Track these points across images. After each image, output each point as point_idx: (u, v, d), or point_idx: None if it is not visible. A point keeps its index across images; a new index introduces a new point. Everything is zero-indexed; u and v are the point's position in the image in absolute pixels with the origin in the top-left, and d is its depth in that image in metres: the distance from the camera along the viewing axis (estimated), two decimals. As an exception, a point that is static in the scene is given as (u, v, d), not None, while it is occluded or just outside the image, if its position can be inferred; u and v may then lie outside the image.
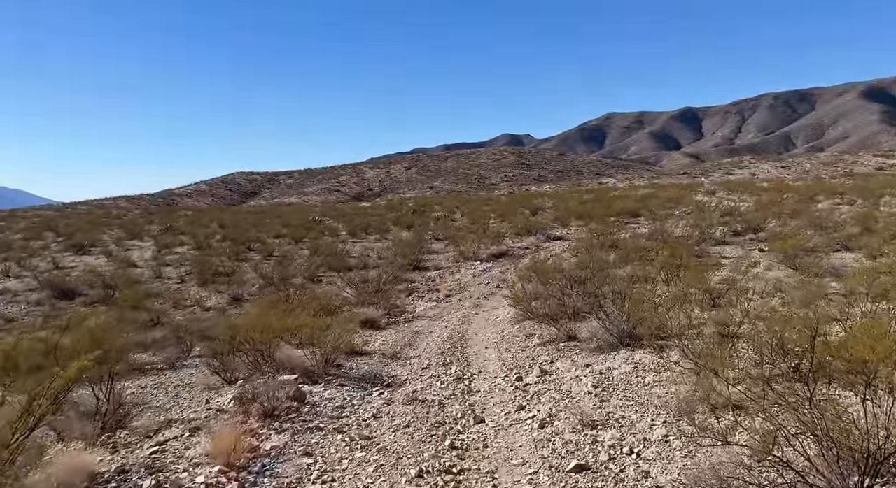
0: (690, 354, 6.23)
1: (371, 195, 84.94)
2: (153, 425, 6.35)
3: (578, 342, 8.75)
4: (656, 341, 7.53)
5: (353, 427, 6.21)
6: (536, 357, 8.48)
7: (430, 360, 8.88)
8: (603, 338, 8.12)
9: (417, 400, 6.96)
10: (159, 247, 25.26)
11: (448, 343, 9.92)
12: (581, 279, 9.89)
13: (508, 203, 36.68)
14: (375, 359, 9.11)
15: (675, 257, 11.10)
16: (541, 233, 21.11)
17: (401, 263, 16.86)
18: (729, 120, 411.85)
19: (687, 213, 24.01)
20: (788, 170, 71.27)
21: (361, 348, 9.49)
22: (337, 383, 7.64)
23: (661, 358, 7.27)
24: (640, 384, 6.77)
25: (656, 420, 5.66)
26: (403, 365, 8.77)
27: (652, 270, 11.12)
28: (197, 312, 13.93)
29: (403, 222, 28.42)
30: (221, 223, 34.41)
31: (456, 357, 9.02)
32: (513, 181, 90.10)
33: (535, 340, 9.33)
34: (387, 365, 8.77)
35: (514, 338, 9.65)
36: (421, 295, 14.22)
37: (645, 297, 8.27)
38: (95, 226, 36.43)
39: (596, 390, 6.73)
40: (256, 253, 22.51)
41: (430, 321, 11.75)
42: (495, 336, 10.04)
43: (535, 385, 7.23)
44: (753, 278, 9.80)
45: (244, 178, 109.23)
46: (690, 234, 16.79)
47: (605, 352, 8.02)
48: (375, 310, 11.11)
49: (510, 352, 8.89)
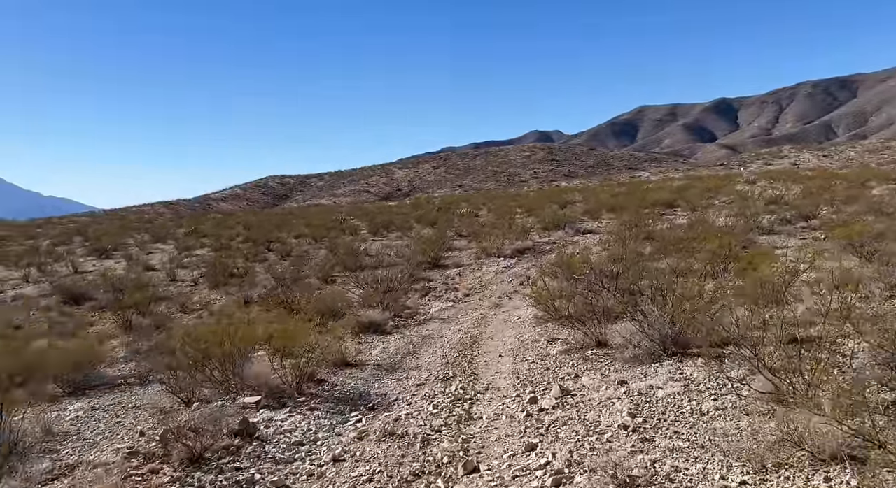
0: (767, 370, 4.66)
1: (400, 195, 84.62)
2: (40, 476, 5.08)
3: (610, 349, 7.43)
4: (711, 348, 6.08)
5: (300, 477, 4.90)
6: (558, 368, 7.21)
7: (431, 373, 7.74)
8: (641, 344, 6.73)
9: (396, 434, 5.57)
10: (179, 250, 24.95)
11: (457, 350, 8.84)
12: (612, 273, 8.70)
13: (536, 198, 35.45)
14: (368, 371, 8.01)
15: (721, 248, 9.82)
16: (569, 227, 19.87)
17: (419, 261, 15.90)
18: (766, 110, 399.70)
19: (728, 203, 22.45)
20: (831, 158, 68.13)
21: (354, 358, 8.41)
22: (308, 406, 6.44)
23: (720, 373, 5.76)
24: (696, 413, 5.18)
25: (728, 478, 3.98)
26: (398, 379, 7.65)
27: (695, 262, 9.86)
28: (204, 316, 13.23)
29: (427, 219, 27.49)
30: (246, 225, 34.21)
31: (462, 368, 7.86)
32: (542, 177, 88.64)
33: (558, 346, 8.08)
34: (379, 379, 7.67)
35: (533, 344, 8.50)
36: (437, 294, 13.18)
37: (693, 293, 6.78)
38: (123, 231, 36.74)
39: (635, 422, 5.14)
40: (275, 253, 21.90)
41: (442, 324, 10.66)
42: (512, 341, 8.92)
43: (553, 410, 5.81)
44: (819, 269, 8.44)
45: (277, 182, 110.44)
46: (734, 224, 15.38)
47: (643, 364, 6.58)
48: (382, 313, 10.10)
49: (527, 362, 7.68)
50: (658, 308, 6.71)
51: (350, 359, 8.30)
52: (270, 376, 6.43)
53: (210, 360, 6.16)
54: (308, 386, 6.96)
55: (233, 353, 6.15)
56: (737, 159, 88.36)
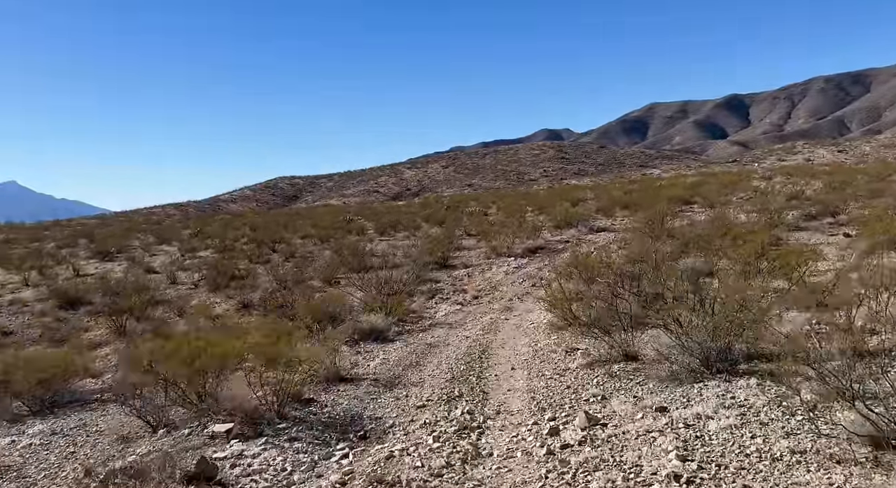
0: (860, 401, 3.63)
1: (409, 195, 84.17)
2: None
3: (640, 364, 6.49)
4: (766, 362, 5.22)
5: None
6: (581, 387, 6.27)
7: (434, 390, 6.88)
8: (678, 359, 5.78)
9: (385, 482, 4.58)
10: (183, 252, 24.49)
11: (464, 362, 7.99)
12: (635, 275, 8.00)
13: (547, 196, 34.72)
14: (363, 387, 7.16)
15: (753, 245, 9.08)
16: (582, 225, 19.15)
17: (425, 261, 15.26)
18: (777, 106, 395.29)
19: (747, 199, 21.63)
20: (846, 154, 66.93)
21: (350, 371, 7.64)
22: (288, 435, 5.54)
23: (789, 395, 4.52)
24: (766, 457, 4.02)
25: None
26: (397, 398, 6.79)
27: (723, 262, 9.14)
28: (201, 321, 12.66)
29: (435, 218, 26.86)
30: (252, 226, 33.79)
31: (469, 385, 6.99)
32: (552, 176, 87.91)
33: (579, 358, 7.21)
34: (375, 398, 6.83)
35: (550, 355, 7.64)
36: (445, 297, 12.51)
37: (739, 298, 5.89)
38: (129, 233, 36.42)
39: (687, 468, 4.06)
40: (279, 254, 21.36)
41: (449, 329, 9.94)
42: (526, 350, 8.11)
43: (580, 447, 4.77)
44: (864, 267, 7.69)
45: (286, 183, 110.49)
46: (757, 221, 14.62)
47: (683, 384, 5.58)
48: (384, 318, 9.44)
49: (544, 378, 6.77)
50: (698, 316, 5.80)
51: (345, 372, 7.50)
52: (249, 397, 5.63)
53: (181, 379, 5.46)
54: (292, 408, 6.18)
55: (205, 371, 5.46)
56: (749, 156, 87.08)
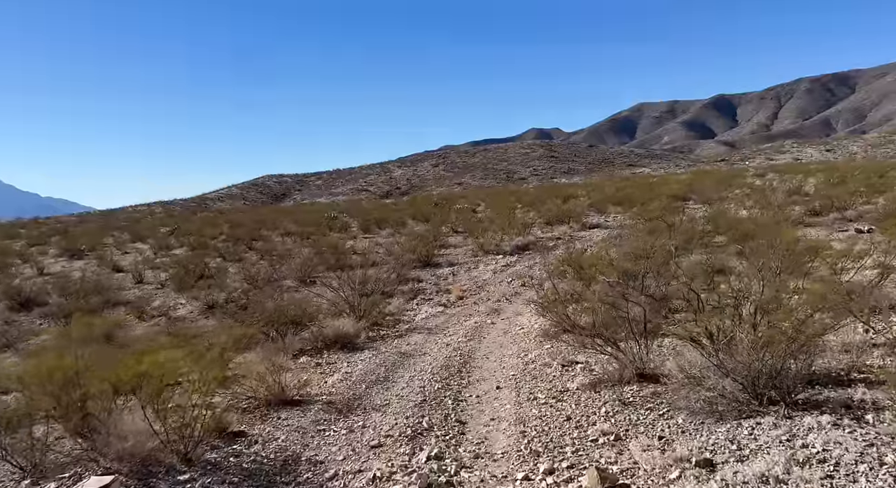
0: None
1: (399, 193, 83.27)
2: None
3: (660, 387, 5.27)
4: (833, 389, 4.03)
5: None
6: (585, 419, 4.96)
7: (398, 419, 5.56)
8: (715, 383, 4.44)
9: None
10: (156, 250, 23.37)
11: (440, 377, 6.75)
12: (640, 273, 7.08)
13: (537, 193, 33.89)
14: (312, 413, 5.84)
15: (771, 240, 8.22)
16: (574, 222, 18.29)
17: (408, 259, 14.28)
18: (764, 106, 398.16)
19: (744, 195, 20.87)
20: (834, 153, 66.98)
21: (301, 390, 6.23)
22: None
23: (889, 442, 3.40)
24: None
25: None
26: (350, 429, 5.45)
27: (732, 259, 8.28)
28: (162, 323, 11.62)
29: (421, 215, 25.89)
30: (233, 223, 32.80)
31: (444, 411, 5.68)
32: (542, 175, 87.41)
33: (579, 375, 6.02)
34: (323, 429, 5.47)
35: (543, 370, 6.46)
36: (427, 297, 11.49)
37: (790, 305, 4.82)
38: (105, 231, 35.32)
39: None
40: (256, 252, 20.29)
41: (428, 335, 8.79)
42: (515, 362, 6.96)
43: None
44: None
45: (274, 181, 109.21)
46: (759, 216, 13.82)
47: (726, 419, 4.25)
48: (355, 322, 8.40)
49: (537, 403, 5.54)
50: (739, 326, 4.46)
51: (294, 391, 6.12)
52: (149, 436, 4.25)
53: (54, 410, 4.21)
54: (210, 447, 4.83)
55: (84, 400, 4.30)
56: (738, 155, 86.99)
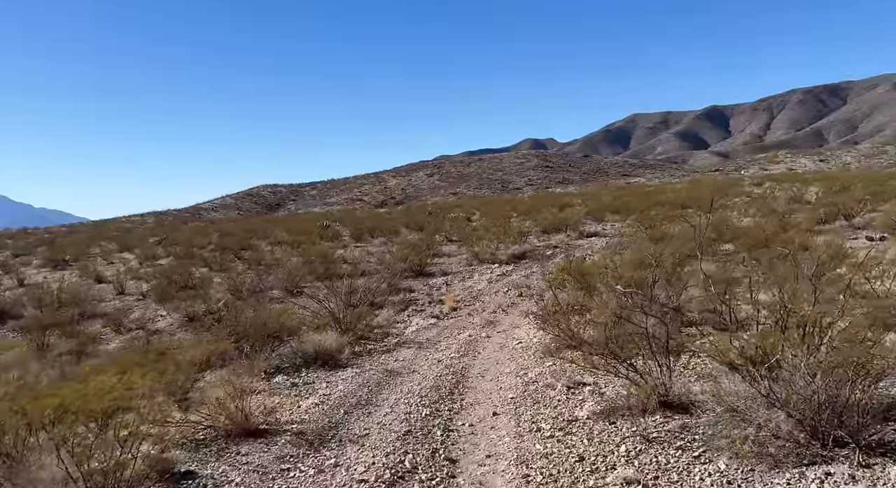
0: None
1: (394, 203, 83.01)
2: None
3: (689, 418, 4.43)
4: None
5: None
6: (601, 460, 4.24)
7: (377, 456, 4.82)
8: (763, 419, 3.69)
9: None
10: (141, 260, 22.76)
11: (429, 401, 6.05)
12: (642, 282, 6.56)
13: (532, 202, 33.47)
14: (278, 447, 5.08)
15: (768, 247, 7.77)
16: (571, 230, 17.80)
17: (400, 268, 13.74)
18: (757, 117, 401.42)
19: (744, 204, 20.47)
20: (827, 163, 67.13)
21: (269, 416, 5.50)
22: None
23: None
24: None
25: None
26: (319, 469, 4.70)
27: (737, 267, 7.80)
28: (140, 336, 11.03)
29: (415, 224, 25.38)
30: (223, 232, 32.28)
31: (431, 446, 4.95)
32: (537, 184, 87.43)
33: (588, 402, 5.23)
34: (287, 470, 4.72)
35: (545, 392, 5.72)
36: (419, 308, 10.92)
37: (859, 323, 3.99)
38: (94, 241, 34.76)
39: None
40: (245, 261, 19.71)
41: (418, 350, 8.15)
42: (514, 383, 6.26)
43: None
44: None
45: (269, 191, 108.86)
46: (764, 224, 13.37)
47: (783, 467, 3.59)
48: (339, 336, 7.81)
49: (541, 436, 4.79)
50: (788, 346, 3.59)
51: (262, 419, 5.32)
52: (65, 484, 3.47)
53: None
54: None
55: None
56: (732, 165, 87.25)
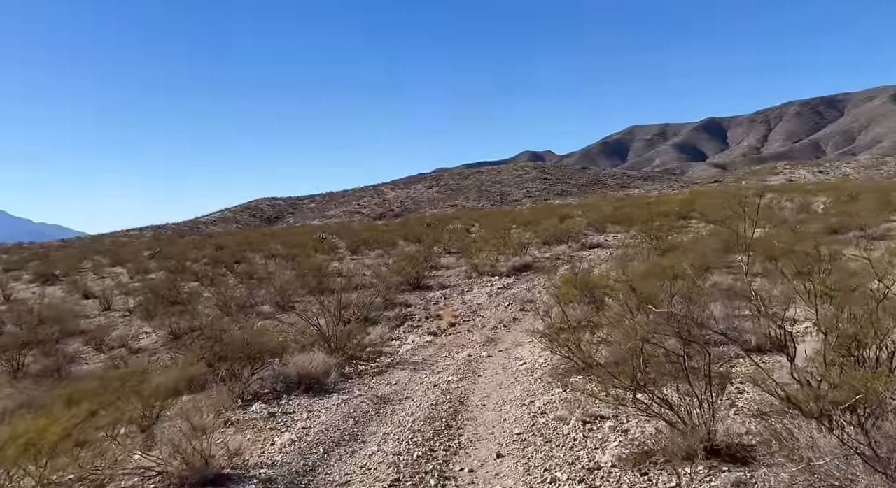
0: None
1: (392, 215, 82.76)
2: None
3: (751, 471, 3.59)
4: None
5: None
6: None
7: None
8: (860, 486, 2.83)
9: None
10: (132, 274, 22.21)
11: (424, 438, 5.23)
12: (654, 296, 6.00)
13: (532, 213, 33.01)
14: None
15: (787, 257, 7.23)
16: (573, 241, 17.28)
17: (396, 282, 13.19)
18: (754, 129, 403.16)
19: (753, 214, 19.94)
20: (827, 174, 67.10)
21: (235, 457, 4.72)
22: None
23: None
24: None
25: None
26: None
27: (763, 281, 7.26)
28: (120, 355, 10.45)
29: (413, 235, 24.86)
30: (219, 245, 31.82)
31: None
32: (535, 196, 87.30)
33: (611, 441, 4.38)
34: None
35: (558, 429, 4.88)
36: (415, 324, 10.33)
37: None
38: (87, 255, 34.35)
39: None
40: (237, 275, 19.14)
41: (413, 372, 7.43)
42: (519, 414, 5.51)
43: None
44: None
45: (267, 204, 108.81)
46: (777, 234, 12.86)
47: None
48: (327, 357, 7.16)
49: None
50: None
51: (225, 461, 4.56)
52: None
53: None
54: None
55: None
56: (731, 176, 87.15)
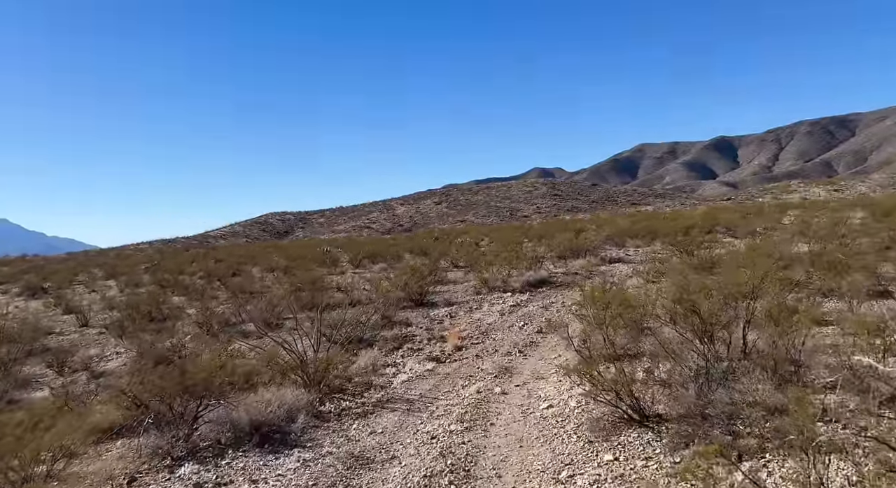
0: None
1: (401, 230, 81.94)
2: None
3: None
4: None
5: None
6: None
7: None
8: None
9: None
10: (122, 287, 21.09)
11: None
12: (714, 315, 4.68)
13: (543, 228, 31.69)
14: None
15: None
16: (591, 255, 15.92)
17: (397, 297, 11.88)
18: (765, 148, 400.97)
19: (775, 230, 18.58)
20: (841, 193, 65.58)
21: None
22: None
23: None
24: None
25: None
26: None
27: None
28: (83, 379, 9.21)
29: (419, 248, 23.59)
30: (217, 258, 30.94)
31: None
32: (545, 212, 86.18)
33: None
34: None
35: None
36: (415, 347, 8.94)
37: None
38: (85, 268, 33.65)
39: None
40: (231, 289, 17.92)
41: (406, 414, 5.76)
42: None
43: None
44: None
45: (277, 219, 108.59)
46: (823, 251, 11.50)
47: None
48: (299, 391, 5.67)
49: None
50: None
51: None
52: None
53: None
54: None
55: None
56: (744, 194, 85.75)
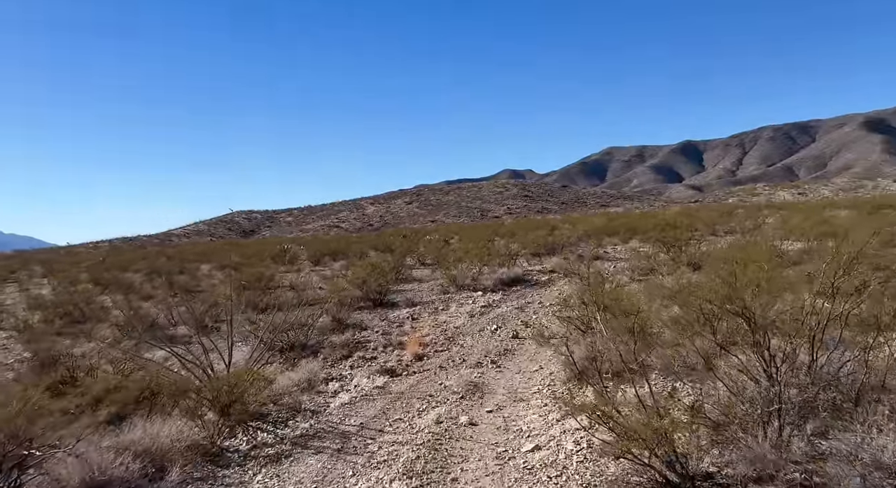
0: None
1: (372, 230, 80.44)
2: None
3: None
4: None
5: None
6: None
7: None
8: None
9: None
10: (54, 286, 19.20)
11: None
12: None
13: (515, 226, 30.64)
14: None
15: None
16: (569, 252, 14.79)
17: (353, 296, 10.53)
18: (730, 152, 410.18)
19: (754, 229, 17.80)
20: (806, 196, 66.77)
21: None
22: None
23: None
24: None
25: None
26: None
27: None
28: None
29: (385, 246, 22.21)
30: (168, 255, 29.18)
31: None
32: (516, 213, 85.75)
33: None
34: None
35: None
36: (369, 356, 7.56)
37: None
38: (25, 265, 31.71)
39: None
40: (174, 287, 16.30)
41: (333, 460, 4.25)
42: None
43: None
44: None
45: (243, 217, 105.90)
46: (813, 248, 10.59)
47: None
48: (196, 426, 4.14)
49: None
50: None
51: None
52: None
53: None
54: None
55: None
56: (710, 196, 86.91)
